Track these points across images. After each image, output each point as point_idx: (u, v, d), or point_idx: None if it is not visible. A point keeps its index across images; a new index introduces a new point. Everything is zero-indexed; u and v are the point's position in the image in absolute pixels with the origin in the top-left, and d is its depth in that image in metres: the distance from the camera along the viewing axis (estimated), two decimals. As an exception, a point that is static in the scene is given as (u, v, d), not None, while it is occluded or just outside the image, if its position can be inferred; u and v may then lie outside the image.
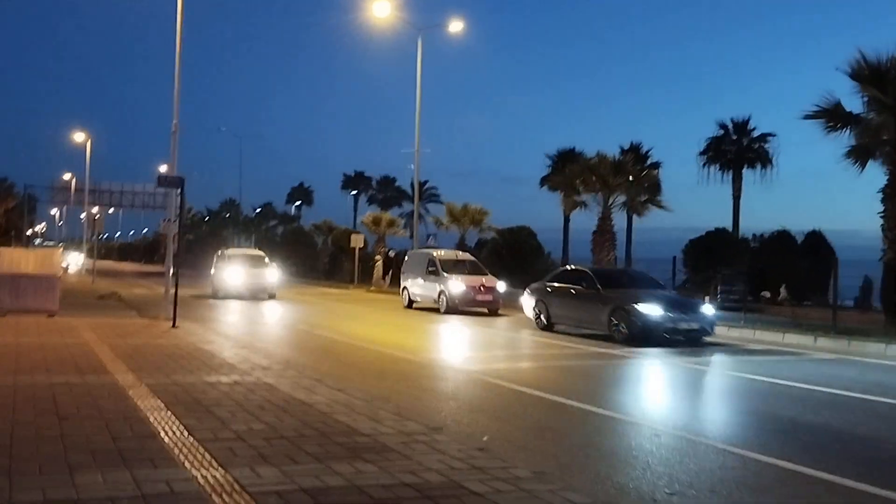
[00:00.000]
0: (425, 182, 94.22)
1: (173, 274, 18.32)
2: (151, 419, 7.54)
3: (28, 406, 8.01)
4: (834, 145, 20.50)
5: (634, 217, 33.95)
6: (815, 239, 39.81)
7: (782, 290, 44.58)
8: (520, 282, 34.27)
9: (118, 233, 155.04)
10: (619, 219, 28.93)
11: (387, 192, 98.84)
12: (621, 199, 28.87)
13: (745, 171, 52.55)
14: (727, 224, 55.37)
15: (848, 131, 20.67)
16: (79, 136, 54.50)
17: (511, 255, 31.60)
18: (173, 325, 17.40)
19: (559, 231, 60.47)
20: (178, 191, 17.45)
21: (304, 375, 10.84)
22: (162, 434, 6.97)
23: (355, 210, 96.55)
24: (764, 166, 53.01)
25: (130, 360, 11.75)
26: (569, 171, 29.05)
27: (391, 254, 45.52)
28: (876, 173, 20.18)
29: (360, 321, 23.23)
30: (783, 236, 45.04)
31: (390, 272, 46.37)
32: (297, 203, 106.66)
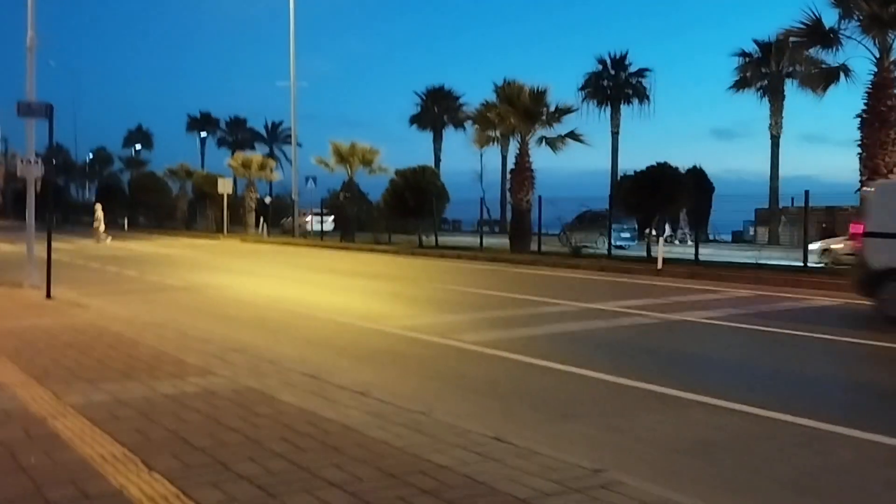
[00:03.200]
0: (279, 123, 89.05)
1: (44, 229, 14.19)
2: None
3: None
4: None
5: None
6: (697, 175, 39.08)
7: (667, 228, 44.15)
8: (429, 226, 31.34)
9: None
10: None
11: (238, 134, 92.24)
12: (538, 134, 26.25)
13: (624, 107, 51.65)
14: (605, 162, 54.53)
15: (819, 49, 18.96)
16: None
17: (415, 198, 28.54)
18: (48, 296, 13.41)
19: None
20: (46, 123, 13.27)
21: (283, 368, 7.64)
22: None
23: (202, 154, 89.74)
24: (641, 101, 52.32)
25: (19, 356, 8.06)
26: (484, 105, 26.05)
27: (267, 200, 41.40)
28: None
29: (258, 275, 19.70)
30: (665, 169, 44.57)
31: (262, 220, 42.37)
32: (137, 147, 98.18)
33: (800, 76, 41.37)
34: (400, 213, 29.80)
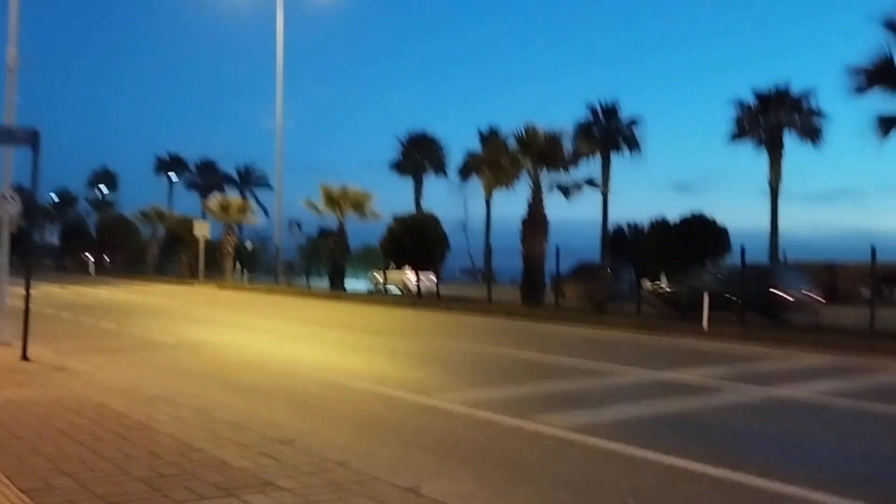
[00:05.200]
0: (251, 165, 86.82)
1: (23, 276, 12.06)
2: None
3: None
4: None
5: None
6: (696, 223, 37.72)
7: (662, 280, 42.66)
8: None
9: None
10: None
11: (208, 177, 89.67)
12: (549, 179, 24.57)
13: (614, 156, 50.41)
14: (586, 212, 53.18)
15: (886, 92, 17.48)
16: None
17: (414, 245, 26.63)
18: (24, 357, 11.22)
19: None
20: (32, 153, 11.20)
21: (363, 474, 5.67)
22: None
23: (170, 196, 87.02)
24: (631, 150, 51.15)
25: (2, 455, 5.97)
26: (492, 147, 24.39)
27: (248, 244, 39.18)
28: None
29: (261, 330, 17.60)
30: (661, 225, 43.15)
31: (237, 265, 40.14)
32: (102, 188, 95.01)
33: (799, 127, 41.13)
34: (399, 261, 27.83)
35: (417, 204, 62.03)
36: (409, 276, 29.95)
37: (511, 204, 45.94)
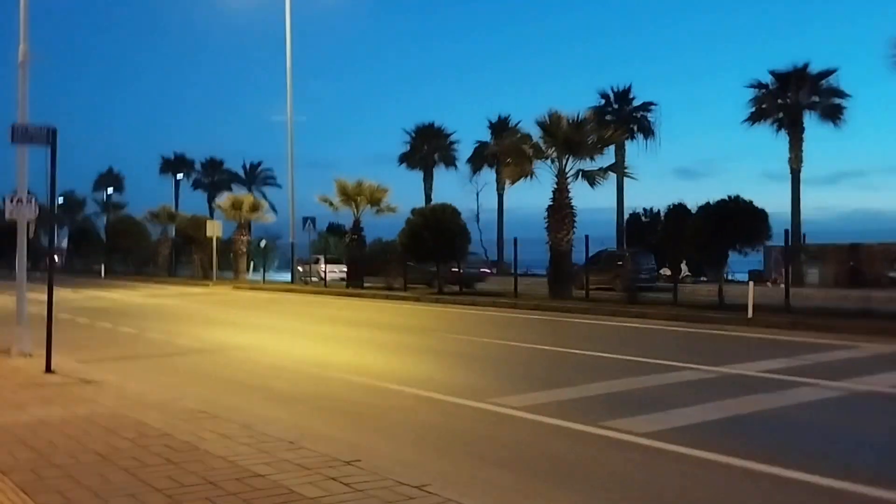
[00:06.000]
0: (258, 164, 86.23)
1: (45, 282, 11.43)
2: None
3: None
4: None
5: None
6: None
7: (683, 267, 41.83)
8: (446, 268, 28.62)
9: None
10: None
11: (214, 176, 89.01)
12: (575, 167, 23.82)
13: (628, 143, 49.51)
14: (602, 199, 52.31)
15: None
16: None
17: (435, 239, 25.90)
18: (47, 369, 10.57)
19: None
20: (49, 151, 10.51)
21: None
22: None
23: (176, 196, 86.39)
24: (646, 136, 50.34)
25: (38, 487, 5.31)
26: (513, 136, 23.64)
27: (262, 243, 38.47)
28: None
29: (305, 335, 16.93)
30: (679, 210, 42.16)
31: (251, 264, 39.52)
32: (108, 191, 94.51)
33: (821, 108, 40.20)
34: (418, 256, 27.11)
35: (427, 197, 61.10)
36: (321, 267, 34.70)
37: (523, 195, 45.09)
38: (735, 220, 18.45)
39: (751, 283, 17.07)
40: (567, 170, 23.44)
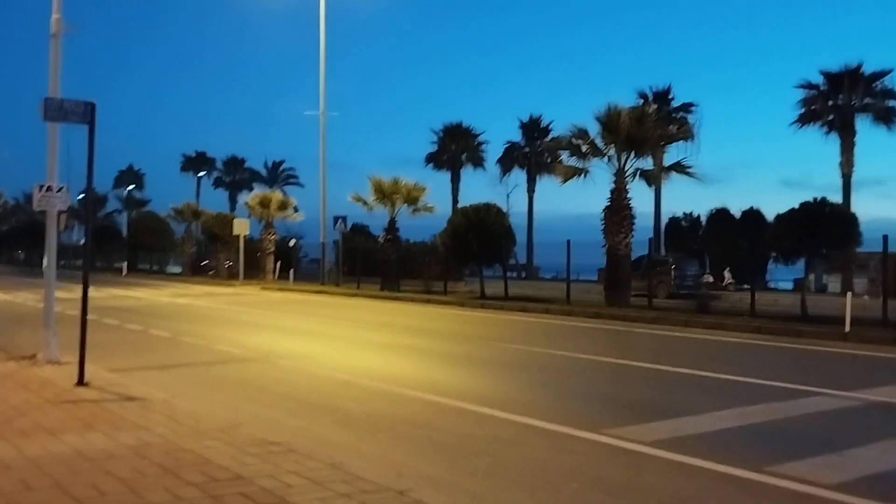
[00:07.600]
0: (280, 162, 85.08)
1: (76, 278, 9.97)
2: None
3: None
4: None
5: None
6: (754, 217, 34.97)
7: (726, 275, 40.04)
8: (491, 272, 27.26)
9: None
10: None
11: (235, 174, 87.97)
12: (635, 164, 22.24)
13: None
14: (648, 204, 50.41)
15: None
16: None
17: (479, 241, 24.36)
18: (80, 381, 9.12)
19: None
20: (87, 129, 9.07)
21: None
22: None
23: (197, 195, 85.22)
24: (686, 138, 48.51)
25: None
26: (572, 132, 22.03)
27: (292, 242, 37.05)
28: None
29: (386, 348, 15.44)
30: (721, 215, 40.32)
31: (278, 264, 38.12)
32: (129, 188, 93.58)
33: (874, 110, 38.39)
34: (461, 258, 25.59)
35: (455, 199, 59.61)
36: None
37: (549, 198, 43.77)
38: (826, 225, 16.81)
39: (848, 294, 15.43)
40: (627, 168, 21.86)
